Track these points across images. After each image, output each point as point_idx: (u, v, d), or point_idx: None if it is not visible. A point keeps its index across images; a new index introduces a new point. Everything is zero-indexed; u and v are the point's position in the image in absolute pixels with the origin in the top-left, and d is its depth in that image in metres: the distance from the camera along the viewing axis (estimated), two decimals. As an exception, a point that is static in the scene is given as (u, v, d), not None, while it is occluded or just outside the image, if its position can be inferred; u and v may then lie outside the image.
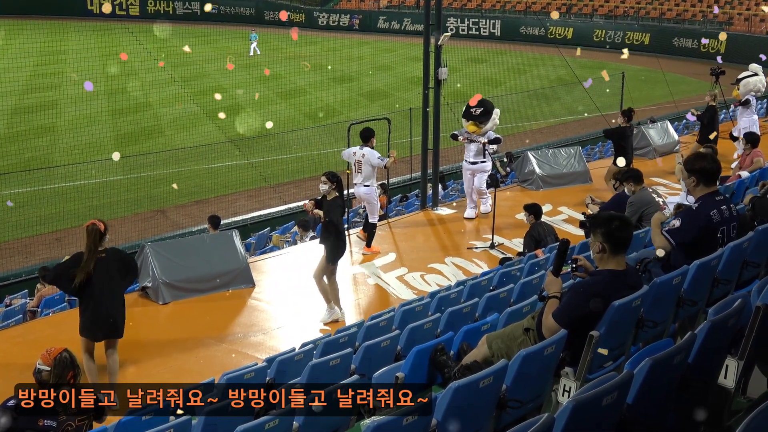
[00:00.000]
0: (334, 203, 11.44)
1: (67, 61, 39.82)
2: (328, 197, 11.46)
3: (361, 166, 14.46)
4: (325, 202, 11.45)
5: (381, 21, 61.89)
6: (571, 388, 5.11)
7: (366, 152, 14.35)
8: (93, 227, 9.20)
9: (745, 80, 20.10)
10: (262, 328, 11.80)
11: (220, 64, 45.18)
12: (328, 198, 11.46)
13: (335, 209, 11.46)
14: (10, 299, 14.99)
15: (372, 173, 14.50)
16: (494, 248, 14.52)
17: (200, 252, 13.27)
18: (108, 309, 9.36)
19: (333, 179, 11.42)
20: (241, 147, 24.46)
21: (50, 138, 28.22)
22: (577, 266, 5.72)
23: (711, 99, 18.94)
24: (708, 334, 4.44)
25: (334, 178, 11.43)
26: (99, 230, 9.18)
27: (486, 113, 15.65)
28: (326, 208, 11.39)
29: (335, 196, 11.47)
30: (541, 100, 35.88)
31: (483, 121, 15.70)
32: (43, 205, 20.57)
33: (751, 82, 20.02)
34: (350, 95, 37.19)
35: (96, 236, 9.18)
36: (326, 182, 11.41)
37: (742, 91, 19.96)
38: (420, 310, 8.69)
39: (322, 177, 11.48)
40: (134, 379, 9.99)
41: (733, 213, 6.78)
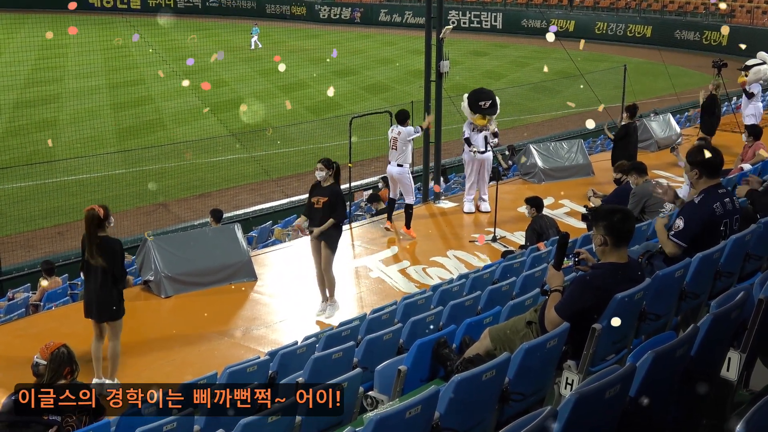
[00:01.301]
0: (332, 190, 11.31)
1: (69, 54, 39.79)
2: (323, 183, 11.36)
3: (397, 143, 14.59)
4: (322, 189, 11.32)
5: (382, 14, 61.76)
6: (573, 381, 5.11)
7: (402, 129, 14.55)
8: (89, 213, 9.29)
9: (755, 68, 20.04)
10: (264, 321, 11.81)
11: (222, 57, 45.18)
12: (323, 184, 11.35)
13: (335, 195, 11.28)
14: (12, 293, 15.02)
15: (407, 153, 14.60)
16: (496, 241, 14.51)
17: (202, 245, 13.27)
18: (89, 294, 9.61)
19: (329, 165, 11.31)
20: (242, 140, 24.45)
21: (52, 132, 28.20)
22: (579, 259, 5.72)
23: (713, 88, 18.91)
24: (710, 326, 4.43)
25: (330, 165, 11.32)
26: (97, 216, 9.21)
27: (493, 105, 15.72)
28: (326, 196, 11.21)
29: (331, 183, 11.36)
30: (543, 93, 35.82)
31: (492, 113, 15.82)
32: (45, 199, 20.58)
33: (762, 70, 20.00)
34: (352, 88, 37.15)
35: (93, 222, 9.24)
36: (323, 168, 11.27)
37: (750, 78, 19.89)
38: (422, 303, 8.69)
39: (318, 164, 11.33)
40: (136, 371, 10.02)
41: (736, 206, 6.77)
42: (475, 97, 15.76)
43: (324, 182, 11.36)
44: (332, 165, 11.37)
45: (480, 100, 15.62)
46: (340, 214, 11.39)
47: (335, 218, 11.28)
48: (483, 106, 15.62)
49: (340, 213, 11.40)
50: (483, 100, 15.60)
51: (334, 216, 11.26)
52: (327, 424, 5.49)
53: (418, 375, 5.90)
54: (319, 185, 11.40)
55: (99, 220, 9.25)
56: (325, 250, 11.52)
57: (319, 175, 11.34)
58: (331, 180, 11.36)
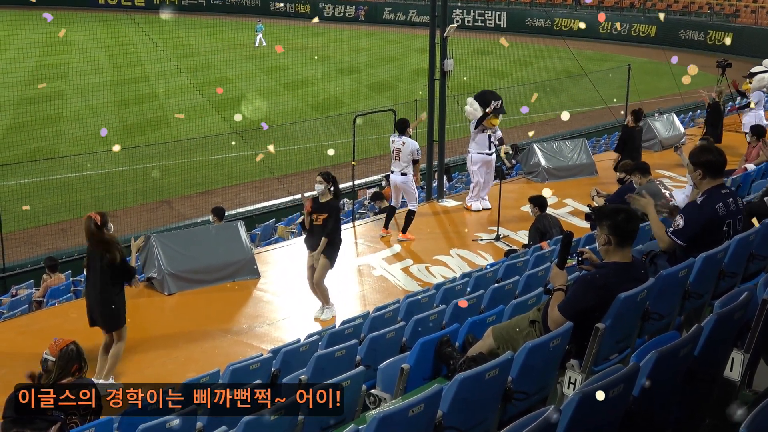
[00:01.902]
0: (331, 206, 11.12)
1: (73, 51, 39.82)
2: (321, 199, 11.11)
3: (400, 154, 14.46)
4: (321, 205, 11.10)
5: (386, 12, 61.74)
6: (576, 381, 5.11)
7: (406, 141, 14.41)
8: (87, 220, 9.46)
9: (760, 75, 20.00)
10: (267, 319, 11.81)
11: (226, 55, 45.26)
12: (321, 200, 11.11)
13: (334, 212, 11.15)
14: (15, 289, 15.05)
15: (410, 162, 14.49)
16: (499, 240, 14.51)
17: (206, 243, 13.28)
18: (90, 300, 9.73)
19: (329, 179, 11.10)
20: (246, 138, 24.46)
21: (56, 128, 28.25)
22: (583, 259, 5.72)
23: (716, 95, 18.89)
24: (714, 326, 4.43)
25: (330, 178, 11.12)
26: (94, 222, 9.32)
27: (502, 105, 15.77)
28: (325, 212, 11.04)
29: (330, 198, 11.14)
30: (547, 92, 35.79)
31: (504, 112, 15.96)
32: (49, 196, 20.60)
33: (766, 78, 19.94)
34: (355, 86, 37.14)
35: (90, 228, 9.36)
36: (322, 182, 11.04)
37: (754, 85, 19.87)
38: (425, 302, 8.70)
39: (318, 177, 11.13)
40: (139, 368, 10.05)
41: (739, 206, 6.75)
42: (486, 98, 15.75)
43: (322, 197, 11.11)
44: (331, 178, 11.15)
45: (492, 101, 15.63)
46: (330, 237, 11.11)
47: (326, 237, 11.05)
48: (496, 106, 15.63)
49: (331, 236, 11.12)
50: (495, 99, 15.63)
51: (325, 234, 11.04)
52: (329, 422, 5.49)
53: (421, 373, 5.91)
54: (318, 200, 11.14)
55: (96, 225, 9.34)
56: (322, 263, 11.25)
57: (318, 189, 11.08)
58: (329, 195, 11.13)
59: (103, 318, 9.60)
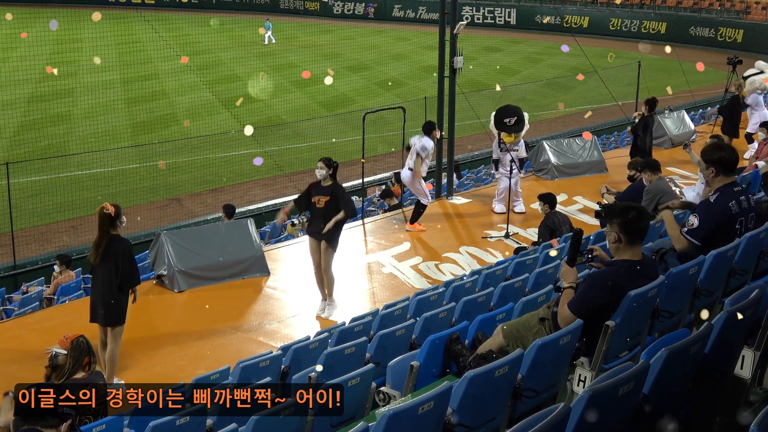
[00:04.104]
0: (333, 187, 11.25)
1: (83, 49, 39.93)
2: (323, 183, 11.31)
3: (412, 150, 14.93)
4: (322, 189, 11.26)
5: (396, 9, 61.67)
6: (586, 378, 5.10)
7: (421, 140, 14.74)
8: (100, 212, 9.38)
9: (750, 78, 19.86)
10: (277, 316, 11.83)
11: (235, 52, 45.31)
12: (323, 183, 11.30)
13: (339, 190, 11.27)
14: (26, 286, 15.10)
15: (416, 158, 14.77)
16: (509, 238, 14.50)
17: (215, 240, 13.31)
18: (94, 295, 9.64)
19: (330, 165, 11.28)
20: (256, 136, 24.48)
21: (66, 126, 28.33)
22: (593, 256, 5.71)
23: (735, 88, 18.77)
24: (724, 324, 4.41)
25: (331, 164, 11.30)
26: (108, 214, 9.27)
27: (519, 121, 15.63)
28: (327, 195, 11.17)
29: (330, 182, 11.30)
30: (557, 89, 35.73)
31: (518, 130, 15.73)
32: (59, 193, 20.68)
33: (757, 80, 19.79)
34: (365, 84, 37.13)
35: (104, 220, 9.29)
36: (323, 167, 11.25)
37: (748, 89, 19.73)
38: (435, 299, 8.69)
39: (319, 162, 11.31)
40: (149, 365, 10.08)
41: (751, 203, 6.74)
42: (500, 114, 15.72)
43: (324, 181, 11.31)
44: (332, 164, 11.32)
45: (505, 117, 15.59)
46: (350, 209, 11.38)
47: (346, 213, 11.23)
48: (508, 123, 15.57)
49: (351, 207, 11.39)
50: (508, 117, 15.57)
51: (346, 210, 11.22)
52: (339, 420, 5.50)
53: (430, 371, 5.90)
54: (319, 184, 11.35)
55: (111, 218, 9.31)
56: (326, 249, 11.39)
57: (320, 174, 11.29)
58: (329, 180, 11.30)
59: (105, 308, 9.46)
